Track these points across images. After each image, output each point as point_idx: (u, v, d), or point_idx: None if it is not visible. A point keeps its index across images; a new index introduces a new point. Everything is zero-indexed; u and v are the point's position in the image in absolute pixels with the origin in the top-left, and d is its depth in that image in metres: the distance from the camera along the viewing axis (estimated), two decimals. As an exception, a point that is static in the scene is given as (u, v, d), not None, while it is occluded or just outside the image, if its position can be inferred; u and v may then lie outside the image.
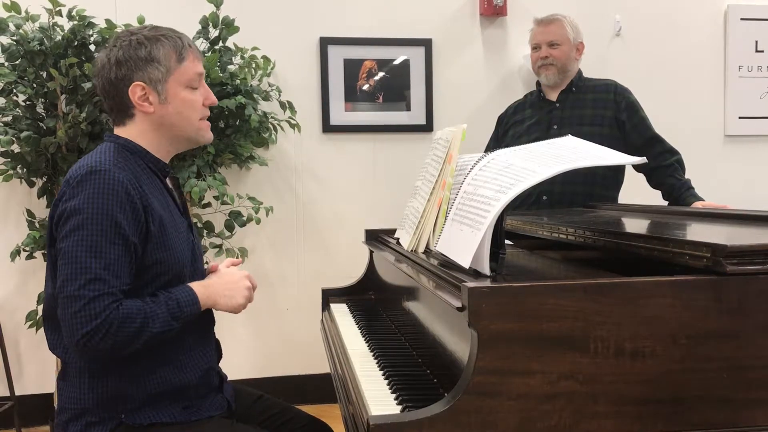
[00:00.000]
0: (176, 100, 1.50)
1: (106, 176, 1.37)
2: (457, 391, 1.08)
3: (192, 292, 1.46)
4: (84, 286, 1.32)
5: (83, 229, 1.34)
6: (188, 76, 1.51)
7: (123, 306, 1.34)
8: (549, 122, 2.81)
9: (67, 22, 2.95)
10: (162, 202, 1.49)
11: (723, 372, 1.13)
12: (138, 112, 1.49)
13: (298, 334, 3.43)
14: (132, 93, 1.47)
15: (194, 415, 1.49)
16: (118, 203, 1.36)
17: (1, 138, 2.84)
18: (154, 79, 1.47)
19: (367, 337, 1.81)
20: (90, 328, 1.30)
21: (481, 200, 1.31)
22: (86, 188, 1.36)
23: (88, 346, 1.32)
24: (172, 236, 1.47)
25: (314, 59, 3.44)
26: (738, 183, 3.74)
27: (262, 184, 3.40)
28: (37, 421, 3.22)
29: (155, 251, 1.43)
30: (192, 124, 1.53)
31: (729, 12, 3.75)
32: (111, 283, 1.34)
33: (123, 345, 1.34)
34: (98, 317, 1.31)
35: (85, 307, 1.31)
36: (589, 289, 1.11)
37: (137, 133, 1.51)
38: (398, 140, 3.52)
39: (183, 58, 1.50)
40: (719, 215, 1.80)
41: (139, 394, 1.43)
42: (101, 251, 1.34)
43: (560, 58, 2.81)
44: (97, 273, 1.33)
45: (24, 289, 3.22)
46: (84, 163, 1.42)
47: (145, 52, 1.47)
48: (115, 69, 1.47)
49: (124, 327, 1.33)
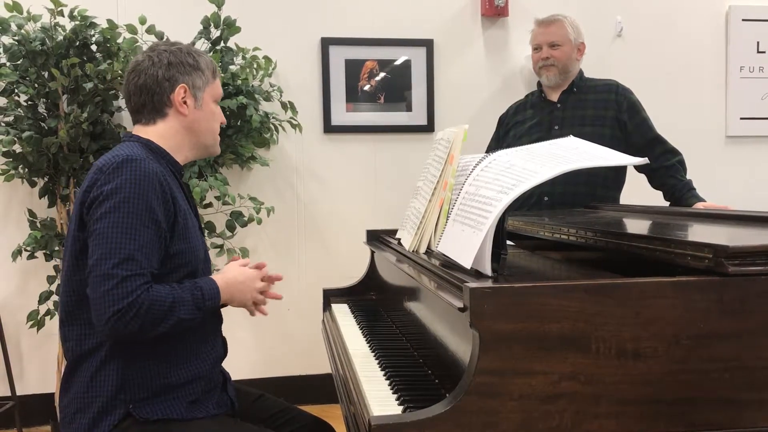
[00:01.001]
0: (208, 109, 1.62)
1: (142, 165, 1.43)
2: (458, 392, 1.08)
3: (215, 284, 1.51)
4: (118, 265, 1.36)
5: (119, 210, 1.39)
6: (218, 91, 1.66)
7: (153, 288, 1.39)
8: (550, 123, 2.81)
9: (68, 22, 2.95)
10: (182, 199, 1.56)
11: (725, 372, 1.13)
12: (172, 113, 1.58)
13: (299, 334, 3.43)
14: (177, 94, 1.57)
15: (200, 412, 1.51)
16: (153, 190, 1.42)
17: (2, 138, 2.84)
18: (196, 86, 1.59)
19: (369, 338, 1.81)
20: (121, 306, 1.34)
21: (482, 201, 1.31)
22: (123, 173, 1.41)
23: (118, 324, 1.35)
24: (192, 232, 1.54)
25: (315, 59, 3.44)
26: (739, 184, 3.73)
27: (264, 185, 3.40)
28: (38, 421, 3.22)
29: (179, 242, 1.48)
30: (212, 134, 1.65)
31: (730, 13, 3.75)
32: (143, 264, 1.38)
33: (151, 326, 1.38)
34: (130, 296, 1.35)
35: (118, 285, 1.35)
36: (590, 290, 1.11)
37: (162, 133, 1.58)
38: (399, 141, 3.52)
39: (216, 75, 1.65)
40: (721, 216, 1.80)
41: (150, 384, 1.45)
42: (136, 232, 1.39)
43: (561, 58, 2.81)
44: (131, 253, 1.37)
45: (25, 289, 3.22)
46: (116, 153, 1.47)
47: (192, 60, 1.60)
48: (164, 69, 1.56)
49: (153, 309, 1.37)
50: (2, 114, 2.94)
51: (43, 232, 2.92)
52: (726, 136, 3.80)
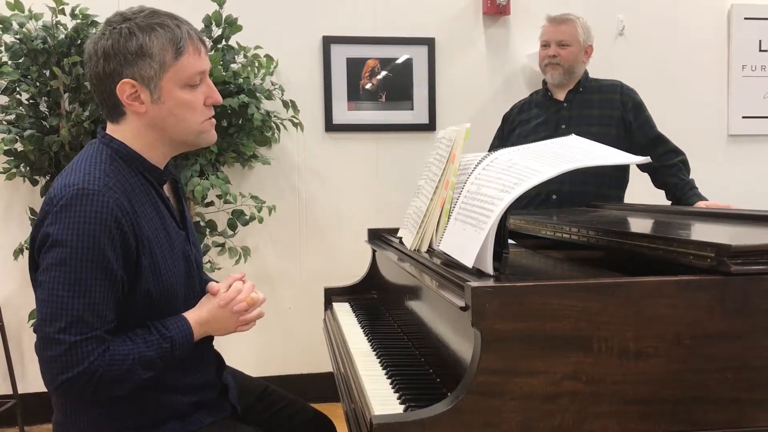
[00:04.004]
0: (171, 101, 1.32)
1: (95, 201, 1.22)
2: (460, 391, 1.07)
3: (188, 329, 1.35)
4: (65, 329, 1.19)
5: (66, 264, 1.21)
6: (186, 73, 1.32)
7: (110, 350, 1.23)
8: (557, 122, 2.81)
9: (70, 20, 2.96)
10: (154, 221, 1.35)
11: (727, 372, 1.12)
12: (129, 112, 1.33)
13: (301, 333, 3.43)
14: (120, 91, 1.30)
15: (194, 424, 1.42)
16: (107, 233, 1.22)
17: (4, 136, 2.85)
18: (145, 77, 1.29)
19: (370, 337, 1.81)
20: (70, 375, 1.19)
21: (484, 199, 1.31)
22: (71, 215, 1.21)
23: (68, 393, 1.23)
24: (165, 262, 1.35)
25: (317, 58, 3.44)
26: (741, 183, 3.73)
27: (265, 183, 3.40)
28: (39, 419, 3.22)
29: (145, 283, 1.30)
30: (189, 127, 1.36)
31: (732, 11, 3.74)
32: (95, 325, 1.21)
33: (107, 390, 1.25)
34: (81, 364, 1.19)
35: (67, 352, 1.19)
36: (592, 289, 1.11)
37: (130, 133, 1.35)
38: (401, 139, 3.52)
39: (181, 53, 1.31)
40: (723, 215, 1.80)
41: (141, 415, 1.35)
42: (85, 289, 1.21)
43: (568, 59, 2.81)
44: (79, 314, 1.20)
45: (27, 288, 3.18)
46: (70, 180, 1.25)
47: (136, 45, 1.28)
48: (102, 62, 1.30)
49: (109, 373, 1.22)
50: (4, 112, 2.95)
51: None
52: (728, 135, 3.80)
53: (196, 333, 1.37)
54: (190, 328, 1.36)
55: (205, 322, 1.39)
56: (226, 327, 1.44)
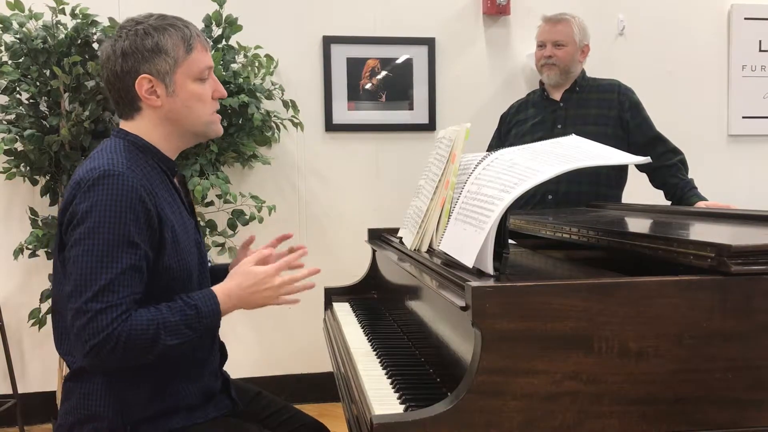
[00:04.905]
0: (184, 93, 1.44)
1: (120, 180, 1.32)
2: (460, 391, 1.07)
3: (213, 299, 1.40)
4: (91, 299, 1.27)
5: (93, 237, 1.29)
6: (197, 67, 1.45)
7: (133, 317, 1.29)
8: (553, 121, 2.81)
9: (70, 20, 2.95)
10: (172, 205, 1.45)
11: (728, 372, 1.12)
12: (145, 106, 1.44)
13: (301, 332, 3.43)
14: (139, 86, 1.41)
15: (200, 417, 1.47)
16: (131, 210, 1.31)
17: (4, 136, 2.84)
18: (161, 71, 1.42)
19: (370, 336, 1.81)
20: (96, 341, 1.26)
21: (484, 199, 1.31)
22: (98, 193, 1.31)
23: (96, 360, 1.29)
24: (183, 242, 1.43)
25: (317, 58, 3.44)
26: (741, 183, 3.73)
27: (265, 183, 3.40)
28: (39, 419, 3.22)
29: (167, 258, 1.38)
30: (200, 118, 1.47)
31: (733, 11, 3.74)
32: (120, 293, 1.29)
33: (134, 357, 1.31)
34: (104, 330, 1.26)
35: (92, 320, 1.26)
36: (593, 289, 1.11)
37: (146, 127, 1.46)
38: (401, 139, 3.52)
39: (191, 49, 1.44)
40: (723, 215, 1.80)
41: (148, 404, 1.40)
42: (111, 261, 1.29)
43: (564, 59, 2.80)
44: (105, 284, 1.28)
45: (27, 287, 3.22)
46: (95, 164, 1.35)
47: (151, 43, 1.41)
48: (120, 61, 1.41)
49: (133, 339, 1.28)
50: (4, 112, 2.94)
51: (44, 231, 2.92)
52: (728, 135, 3.80)
53: (224, 304, 1.41)
54: (215, 297, 1.40)
55: (234, 288, 1.43)
56: (258, 296, 1.47)
